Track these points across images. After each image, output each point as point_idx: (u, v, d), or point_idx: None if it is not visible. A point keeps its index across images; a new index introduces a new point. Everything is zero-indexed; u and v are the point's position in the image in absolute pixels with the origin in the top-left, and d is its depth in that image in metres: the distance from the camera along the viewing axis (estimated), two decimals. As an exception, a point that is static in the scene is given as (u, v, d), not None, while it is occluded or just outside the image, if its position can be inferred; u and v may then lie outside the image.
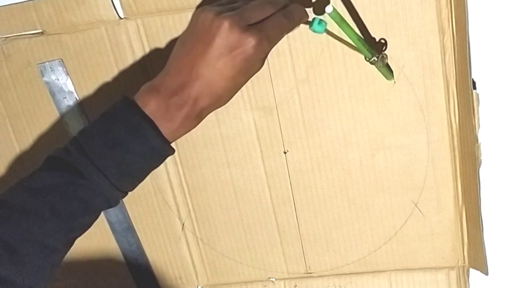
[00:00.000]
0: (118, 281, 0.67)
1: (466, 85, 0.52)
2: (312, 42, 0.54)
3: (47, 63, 0.58)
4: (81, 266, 0.67)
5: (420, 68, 0.53)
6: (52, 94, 0.59)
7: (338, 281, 0.63)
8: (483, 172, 0.54)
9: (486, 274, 0.57)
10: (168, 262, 0.65)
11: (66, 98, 0.59)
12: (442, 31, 0.52)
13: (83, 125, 0.60)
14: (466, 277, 0.60)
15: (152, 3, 0.54)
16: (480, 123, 0.53)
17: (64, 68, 0.58)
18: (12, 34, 0.57)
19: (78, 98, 0.59)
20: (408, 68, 0.53)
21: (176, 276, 0.66)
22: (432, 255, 0.60)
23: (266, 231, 0.62)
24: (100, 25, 0.56)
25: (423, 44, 0.52)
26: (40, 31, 0.57)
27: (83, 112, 0.60)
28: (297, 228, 0.61)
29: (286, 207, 0.61)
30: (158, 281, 0.67)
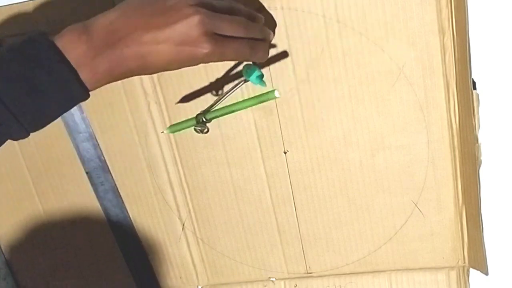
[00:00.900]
0: (119, 280, 0.67)
1: (466, 85, 0.52)
2: (312, 42, 0.54)
3: (47, 63, 0.58)
4: (82, 267, 0.67)
5: (420, 68, 0.53)
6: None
7: (338, 281, 0.63)
8: (483, 172, 0.54)
9: (486, 274, 0.57)
10: (169, 261, 0.66)
11: (66, 98, 0.59)
12: (442, 31, 0.52)
13: (83, 123, 0.60)
14: (466, 277, 0.60)
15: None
16: (480, 123, 0.53)
17: (65, 68, 0.58)
18: (12, 34, 0.57)
19: (78, 98, 0.59)
20: (408, 68, 0.53)
21: (177, 276, 0.66)
22: (432, 255, 0.60)
23: (266, 231, 0.62)
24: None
25: (423, 44, 0.52)
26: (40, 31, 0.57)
27: (82, 112, 0.60)
28: (297, 228, 0.61)
29: (286, 207, 0.61)
30: (158, 280, 0.67)
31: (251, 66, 0.52)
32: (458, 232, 0.58)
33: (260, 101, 0.54)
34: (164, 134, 0.59)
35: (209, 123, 0.55)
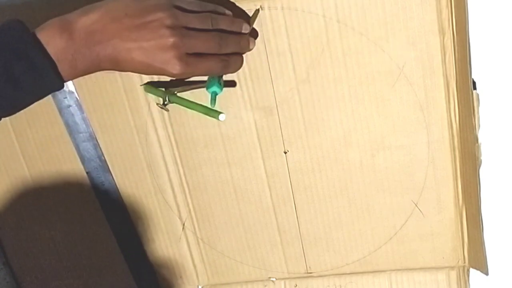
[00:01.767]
0: (119, 280, 0.67)
1: (466, 85, 0.52)
2: (312, 42, 0.54)
3: (47, 63, 0.58)
4: (82, 267, 0.67)
5: (420, 68, 0.53)
6: (53, 94, 0.59)
7: (338, 281, 0.63)
8: (483, 172, 0.54)
9: (486, 274, 0.57)
10: (169, 261, 0.66)
11: (66, 98, 0.59)
12: (442, 31, 0.52)
13: (83, 123, 0.60)
14: (466, 277, 0.60)
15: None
16: (480, 123, 0.53)
17: (65, 68, 0.58)
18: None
19: (78, 98, 0.59)
20: (408, 68, 0.53)
21: (177, 276, 0.66)
22: (432, 255, 0.60)
23: (267, 231, 0.62)
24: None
25: (423, 44, 0.52)
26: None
27: (83, 112, 0.60)
28: (297, 228, 0.61)
29: (286, 207, 0.61)
30: (158, 280, 0.67)
31: (215, 78, 0.52)
32: (458, 232, 0.58)
33: (206, 113, 0.54)
34: (164, 134, 0.59)
35: (170, 104, 0.56)
